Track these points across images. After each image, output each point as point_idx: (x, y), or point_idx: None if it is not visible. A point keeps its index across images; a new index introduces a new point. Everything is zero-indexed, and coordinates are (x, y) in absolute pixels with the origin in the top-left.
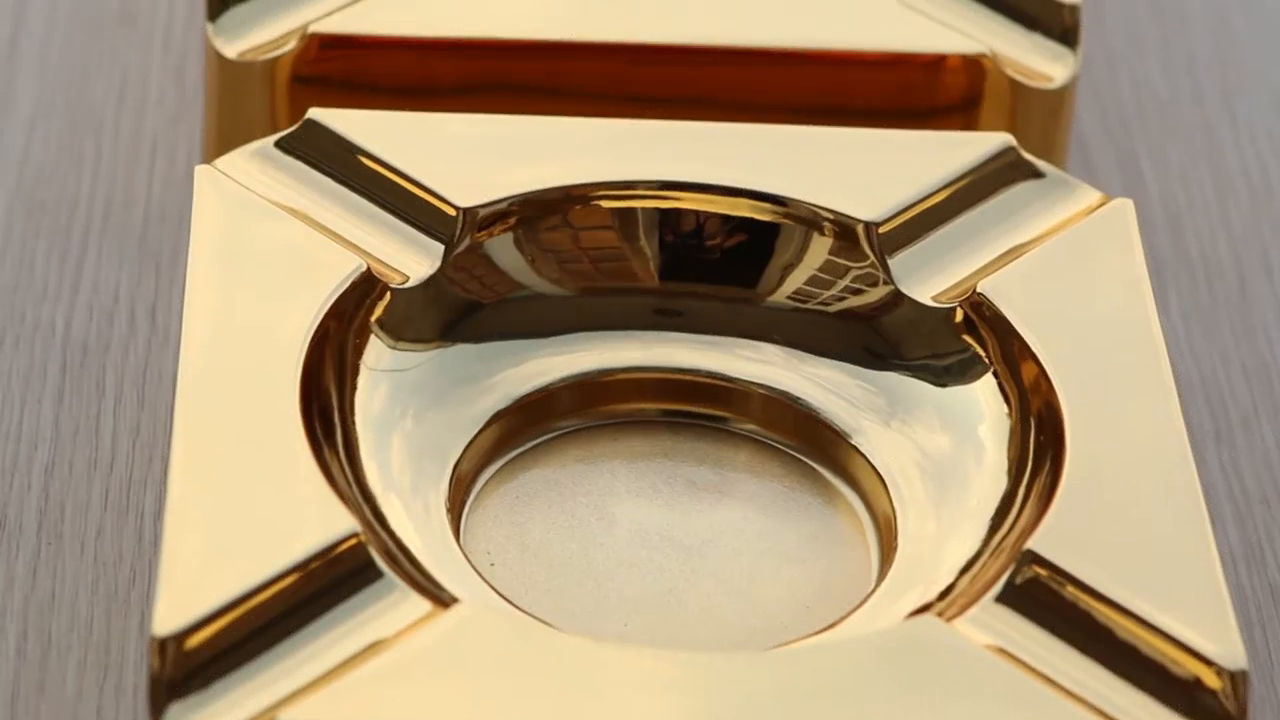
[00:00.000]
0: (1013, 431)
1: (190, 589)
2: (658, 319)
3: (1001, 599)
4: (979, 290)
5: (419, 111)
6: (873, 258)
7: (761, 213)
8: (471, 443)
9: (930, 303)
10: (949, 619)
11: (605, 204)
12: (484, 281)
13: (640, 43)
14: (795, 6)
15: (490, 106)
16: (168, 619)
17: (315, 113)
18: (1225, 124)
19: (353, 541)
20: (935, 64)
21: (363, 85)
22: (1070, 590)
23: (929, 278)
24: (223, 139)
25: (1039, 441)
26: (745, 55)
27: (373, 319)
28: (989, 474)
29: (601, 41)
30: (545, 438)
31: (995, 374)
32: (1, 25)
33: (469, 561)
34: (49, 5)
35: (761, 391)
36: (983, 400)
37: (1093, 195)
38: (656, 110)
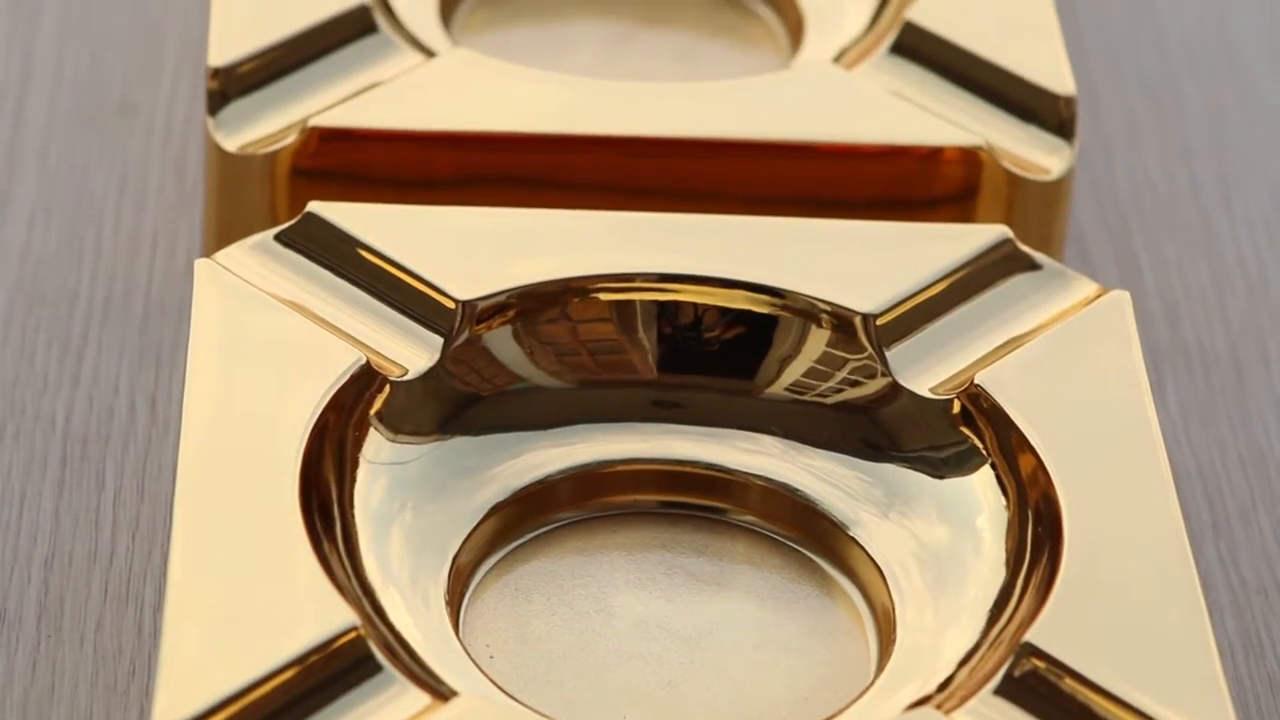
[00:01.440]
0: (1011, 523)
1: (190, 682)
2: (656, 410)
3: (1000, 691)
4: (976, 382)
5: (418, 203)
6: (870, 350)
7: (759, 305)
8: (470, 535)
9: (928, 394)
10: (948, 711)
11: (604, 296)
12: (482, 374)
13: (638, 136)
14: (792, 100)
15: (489, 198)
16: (167, 712)
17: (315, 206)
18: (1222, 215)
19: (352, 635)
20: (932, 156)
21: (362, 177)
22: (1068, 683)
23: (926, 369)
24: (223, 231)
25: (1037, 533)
26: (743, 148)
27: (372, 412)
28: (987, 565)
29: (599, 135)
30: (544, 529)
31: (993, 466)
32: (2, 117)
33: (468, 654)
34: (49, 97)
35: (760, 483)
36: (981, 492)
37: (1090, 287)
38: (655, 202)
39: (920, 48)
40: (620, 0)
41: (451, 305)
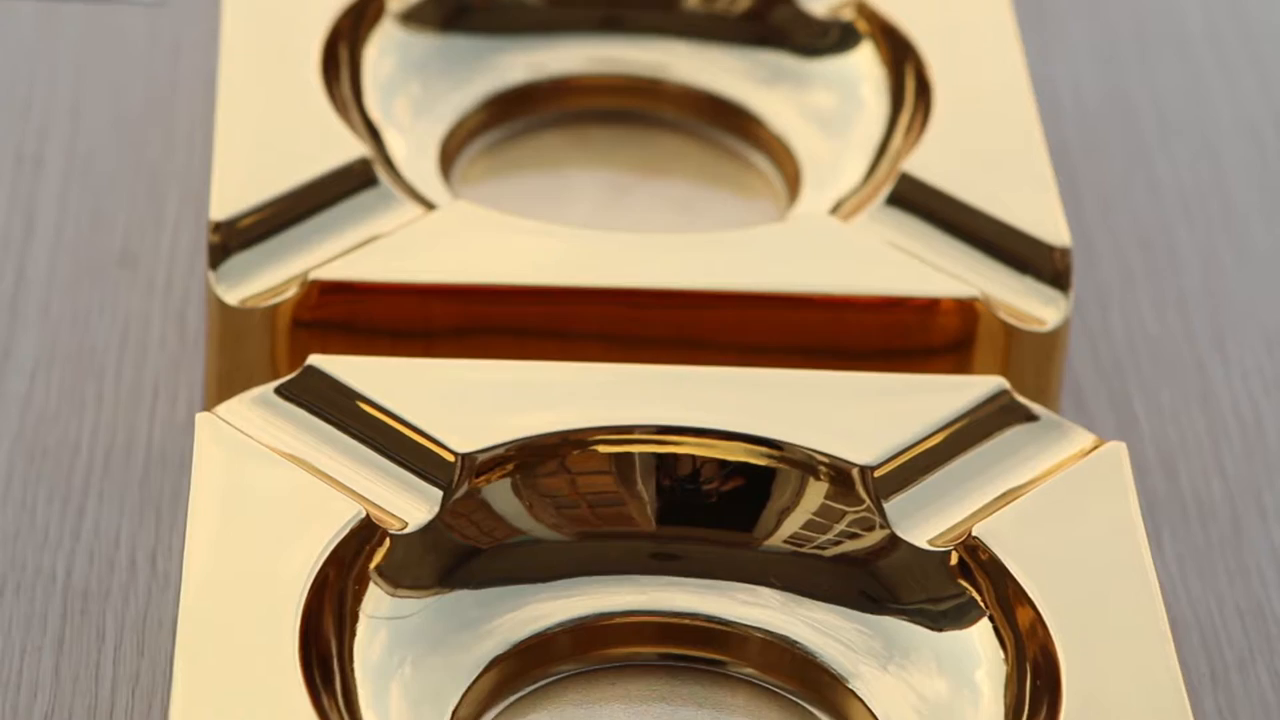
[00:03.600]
0: (1009, 677)
1: None
2: (655, 563)
3: None
4: (974, 534)
5: (418, 353)
6: (868, 502)
7: (757, 457)
8: (470, 689)
9: (926, 546)
10: None
11: (602, 449)
12: (481, 527)
13: (636, 287)
14: (789, 251)
15: (489, 348)
16: None
17: (315, 359)
18: (1216, 363)
19: None
20: (929, 307)
21: (363, 329)
22: None
23: (924, 521)
24: (223, 382)
25: (1035, 686)
26: (741, 299)
27: (372, 566)
28: (986, 719)
29: (598, 286)
30: (544, 682)
31: (991, 619)
32: (5, 272)
33: None
34: (51, 249)
35: (759, 635)
36: (979, 645)
37: (1086, 439)
38: (654, 352)
39: (916, 199)
40: (619, 150)
41: (451, 458)
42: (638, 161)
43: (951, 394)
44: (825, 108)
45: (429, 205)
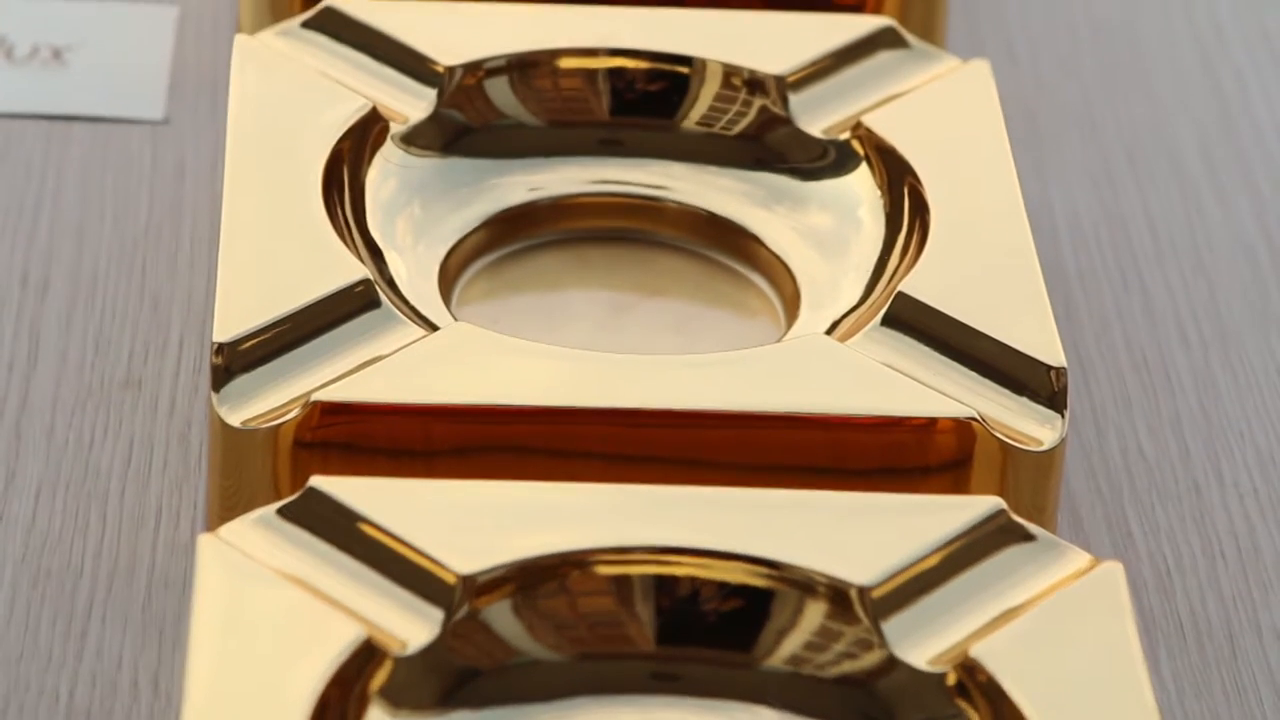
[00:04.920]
0: None
1: None
2: (655, 683)
3: None
4: (971, 655)
5: (420, 473)
6: (866, 622)
7: (756, 578)
8: None
9: (924, 668)
10: None
11: (602, 570)
12: (482, 648)
13: (636, 408)
14: (787, 372)
15: (490, 468)
16: None
17: (317, 481)
18: (1212, 483)
19: None
20: (926, 427)
21: (364, 448)
22: None
23: (922, 641)
24: (226, 502)
25: None
26: (739, 419)
27: (373, 688)
28: None
29: (598, 407)
30: None
31: None
32: (10, 395)
33: None
34: (56, 372)
35: None
36: None
37: (1082, 559)
38: (654, 471)
39: (913, 319)
40: (619, 270)
41: (452, 580)
42: (637, 281)
43: (949, 514)
44: (823, 228)
45: (430, 326)
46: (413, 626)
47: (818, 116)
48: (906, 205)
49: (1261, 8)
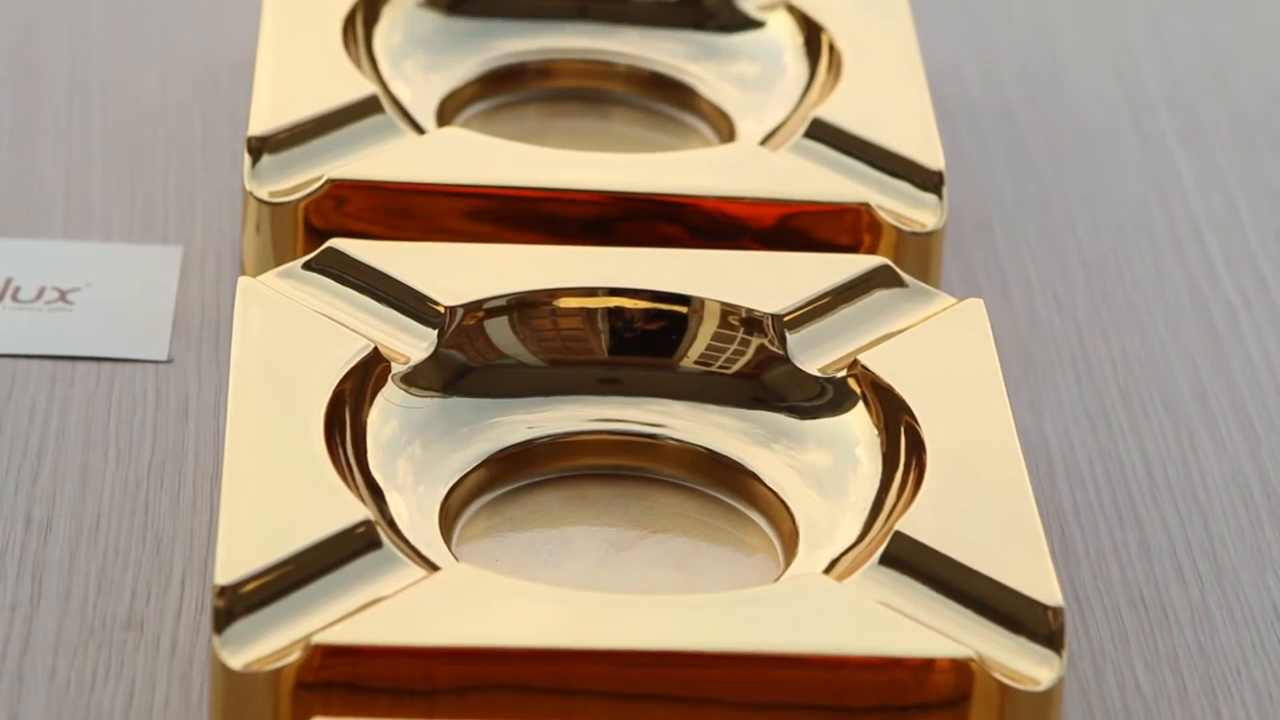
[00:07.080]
0: None
1: None
2: None
3: None
4: None
5: (420, 713)
6: None
7: None
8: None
9: None
10: None
11: None
12: None
13: (635, 649)
14: (786, 612)
15: (490, 707)
16: None
17: None
18: None
19: None
20: (923, 667)
21: (365, 689)
22: None
23: None
24: None
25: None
26: (738, 660)
27: None
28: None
29: (598, 648)
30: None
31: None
32: (13, 637)
33: None
34: (59, 613)
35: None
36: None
37: None
38: (654, 710)
39: (910, 558)
40: (618, 508)
41: None
42: (636, 519)
43: None
44: (821, 466)
45: (431, 566)
46: None
47: (815, 355)
48: (903, 443)
49: (1251, 244)
